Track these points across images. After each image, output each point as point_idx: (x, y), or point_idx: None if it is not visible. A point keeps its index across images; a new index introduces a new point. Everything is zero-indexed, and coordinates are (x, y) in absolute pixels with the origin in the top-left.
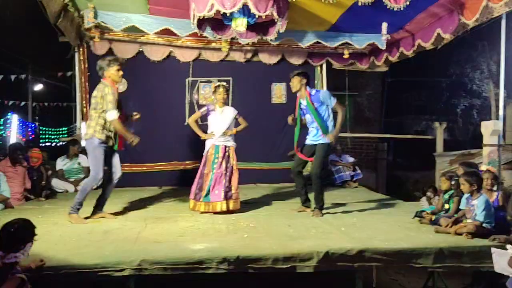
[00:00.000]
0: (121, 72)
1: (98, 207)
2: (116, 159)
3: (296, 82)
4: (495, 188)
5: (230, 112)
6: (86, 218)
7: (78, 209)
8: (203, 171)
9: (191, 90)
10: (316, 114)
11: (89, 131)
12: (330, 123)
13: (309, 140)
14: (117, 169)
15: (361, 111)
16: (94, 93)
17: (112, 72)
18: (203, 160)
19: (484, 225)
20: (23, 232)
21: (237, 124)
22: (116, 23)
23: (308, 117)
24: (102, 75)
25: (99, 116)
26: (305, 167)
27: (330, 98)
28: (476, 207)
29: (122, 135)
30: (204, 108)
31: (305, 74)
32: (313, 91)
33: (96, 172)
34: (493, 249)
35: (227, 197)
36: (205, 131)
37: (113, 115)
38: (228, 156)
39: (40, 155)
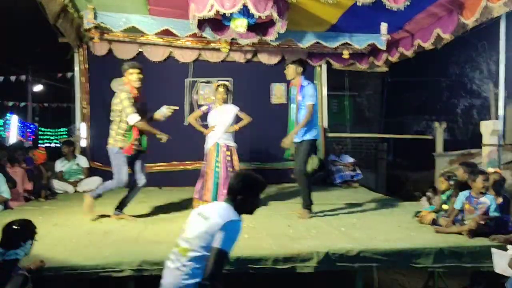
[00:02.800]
0: (139, 76)
1: (119, 208)
2: (138, 165)
3: (291, 71)
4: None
5: (230, 109)
6: (102, 216)
7: (96, 196)
8: (204, 169)
9: (190, 91)
10: (297, 108)
11: (110, 141)
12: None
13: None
14: (140, 176)
15: (361, 111)
16: (113, 100)
17: (129, 77)
18: (205, 158)
19: (488, 223)
20: (24, 230)
21: (239, 121)
22: (116, 24)
23: (292, 107)
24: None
25: (118, 125)
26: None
27: (309, 95)
28: (485, 205)
29: (152, 132)
30: (205, 107)
31: (301, 63)
32: (305, 83)
33: (119, 178)
34: (493, 250)
35: None
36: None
37: (133, 119)
38: (231, 156)
39: (43, 155)
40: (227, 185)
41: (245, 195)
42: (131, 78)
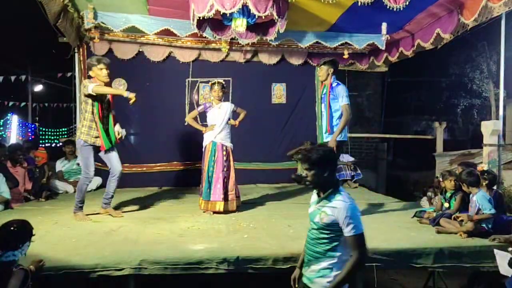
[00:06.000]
0: (105, 72)
1: (103, 204)
2: (111, 157)
3: (323, 72)
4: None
5: (227, 107)
6: (91, 214)
7: (81, 207)
8: (202, 168)
9: (191, 91)
10: (328, 106)
11: (77, 132)
12: (336, 121)
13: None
14: (114, 166)
15: (361, 111)
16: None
17: (98, 72)
18: (202, 157)
19: (483, 224)
20: (21, 231)
21: (236, 116)
22: (116, 24)
23: (322, 107)
24: (90, 74)
25: (84, 117)
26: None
27: (342, 96)
28: (477, 203)
29: (117, 94)
30: (201, 107)
31: (333, 63)
32: (335, 83)
33: (86, 172)
34: (495, 251)
35: (226, 198)
36: None
37: (90, 87)
38: (228, 156)
39: (45, 155)
40: (221, 185)
41: None
42: (101, 73)
